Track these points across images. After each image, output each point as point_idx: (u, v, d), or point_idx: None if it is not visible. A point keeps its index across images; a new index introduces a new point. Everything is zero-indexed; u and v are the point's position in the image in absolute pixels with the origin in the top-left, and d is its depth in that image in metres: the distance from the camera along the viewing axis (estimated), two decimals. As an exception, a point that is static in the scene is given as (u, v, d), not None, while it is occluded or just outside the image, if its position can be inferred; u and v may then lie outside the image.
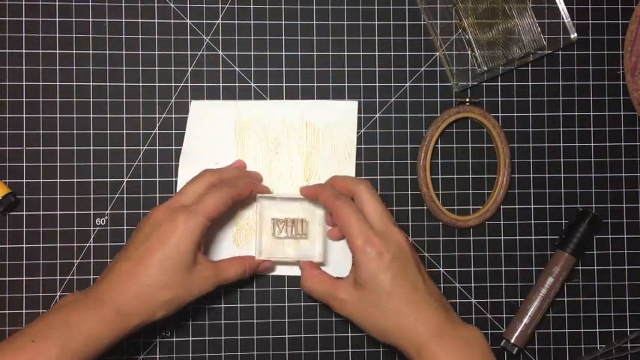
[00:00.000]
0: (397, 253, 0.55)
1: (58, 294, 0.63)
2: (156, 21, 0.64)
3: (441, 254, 0.65)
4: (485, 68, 0.65)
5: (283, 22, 0.65)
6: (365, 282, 0.55)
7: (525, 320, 0.63)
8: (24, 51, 0.63)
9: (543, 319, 0.65)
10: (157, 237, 0.54)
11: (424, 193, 0.64)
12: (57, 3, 0.63)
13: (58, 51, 0.63)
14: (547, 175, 0.66)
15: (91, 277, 0.63)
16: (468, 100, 0.64)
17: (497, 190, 0.64)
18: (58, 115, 0.63)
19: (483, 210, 0.64)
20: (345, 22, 0.65)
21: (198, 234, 0.55)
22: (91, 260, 0.63)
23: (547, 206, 0.66)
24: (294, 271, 0.64)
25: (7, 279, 0.63)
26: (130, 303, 0.53)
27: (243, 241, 0.64)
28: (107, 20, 0.64)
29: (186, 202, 0.57)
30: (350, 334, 0.64)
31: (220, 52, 0.64)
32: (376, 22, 0.65)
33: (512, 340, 0.63)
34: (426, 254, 0.65)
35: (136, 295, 0.53)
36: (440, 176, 0.65)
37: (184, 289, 0.55)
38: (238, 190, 0.58)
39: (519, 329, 0.63)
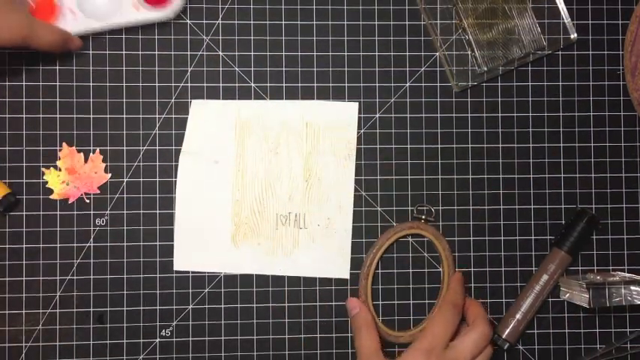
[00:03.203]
0: None
1: (58, 294, 0.63)
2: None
3: (441, 254, 0.65)
4: (485, 68, 0.65)
5: (283, 22, 0.65)
6: None
7: (518, 316, 0.63)
8: (24, 51, 0.63)
9: (538, 317, 0.65)
10: None
11: (362, 302, 0.63)
12: (57, 3, 0.64)
13: (58, 51, 0.64)
14: (547, 175, 0.66)
15: (91, 277, 0.63)
16: (423, 217, 0.64)
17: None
18: (58, 116, 0.63)
19: (417, 330, 0.63)
20: (345, 22, 0.65)
21: None
22: (91, 260, 0.63)
23: (547, 206, 0.66)
24: (295, 271, 0.64)
25: (7, 279, 0.63)
26: None
27: (241, 240, 0.64)
28: (107, 20, 0.64)
29: None
30: (349, 335, 0.64)
31: (220, 52, 0.64)
32: (376, 22, 0.65)
33: (504, 336, 0.63)
34: (426, 254, 0.65)
35: None
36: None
37: None
38: None
39: (511, 325, 0.63)
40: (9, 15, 0.55)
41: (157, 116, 0.64)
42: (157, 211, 0.64)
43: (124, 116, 0.64)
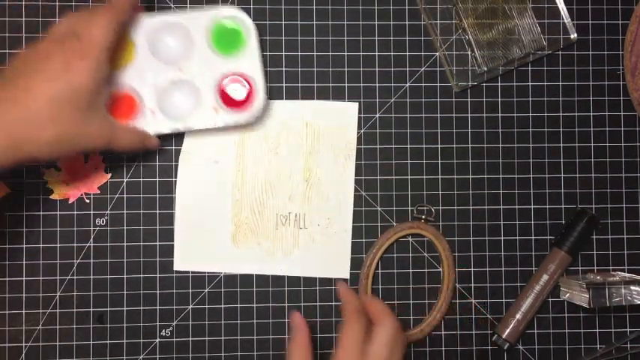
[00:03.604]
0: None
1: (58, 294, 0.63)
2: (156, 21, 0.64)
3: (441, 254, 0.65)
4: (485, 68, 0.65)
5: (283, 22, 0.65)
6: None
7: (518, 316, 0.63)
8: (24, 51, 0.63)
9: (538, 317, 0.65)
10: (50, 72, 0.51)
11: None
12: (57, 3, 0.63)
13: (58, 51, 0.63)
14: (547, 176, 0.66)
15: (91, 277, 0.63)
16: (423, 217, 0.64)
17: (434, 313, 0.64)
18: (58, 115, 0.63)
19: (416, 330, 0.63)
20: (345, 23, 0.65)
21: (95, 72, 0.52)
22: (91, 260, 0.63)
23: (547, 206, 0.66)
24: (295, 271, 0.64)
25: (7, 279, 0.63)
26: (21, 130, 0.50)
27: (241, 240, 0.64)
28: (107, 20, 0.64)
29: (67, 33, 0.53)
30: (350, 334, 0.64)
31: (220, 52, 0.64)
32: (376, 23, 0.65)
33: (504, 336, 0.63)
34: (426, 254, 0.65)
35: (26, 122, 0.50)
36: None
37: (75, 132, 0.53)
38: (117, 9, 0.55)
39: (511, 325, 0.63)
40: (91, 122, 0.54)
41: (157, 116, 0.64)
42: (157, 211, 0.64)
43: (124, 116, 0.64)
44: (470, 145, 0.66)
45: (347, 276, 0.64)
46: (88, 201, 0.63)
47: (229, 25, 0.61)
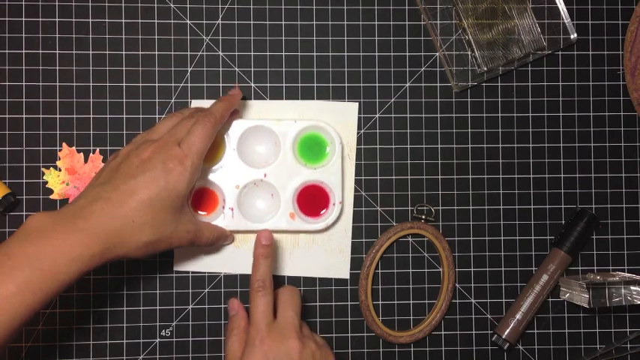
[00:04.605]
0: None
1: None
2: (156, 21, 0.64)
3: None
4: (485, 69, 0.65)
5: (283, 22, 0.65)
6: None
7: (518, 316, 0.63)
8: (24, 51, 0.63)
9: (538, 317, 0.65)
10: (149, 176, 0.53)
11: (362, 302, 0.63)
12: (57, 3, 0.64)
13: (58, 51, 0.64)
14: (547, 176, 0.66)
15: (91, 277, 0.63)
16: (423, 217, 0.64)
17: (434, 313, 0.64)
18: (57, 116, 0.63)
19: (416, 330, 0.64)
20: (345, 23, 0.65)
21: (191, 177, 0.54)
22: (91, 260, 0.63)
23: (547, 206, 0.66)
24: (295, 271, 0.64)
25: (7, 279, 0.62)
26: (116, 233, 0.52)
27: (241, 240, 0.64)
28: (107, 20, 0.64)
29: (168, 137, 0.56)
30: (350, 335, 0.64)
31: (220, 53, 0.64)
32: (376, 23, 0.65)
33: (504, 336, 0.63)
34: (426, 254, 0.65)
35: (122, 226, 0.52)
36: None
37: (167, 233, 0.54)
38: (217, 117, 0.57)
39: (511, 325, 0.63)
40: (181, 223, 0.55)
41: (157, 116, 0.64)
42: (157, 211, 0.64)
43: (124, 116, 0.64)
44: (470, 145, 0.66)
45: (347, 276, 0.64)
46: (88, 201, 0.63)
47: (317, 138, 0.62)
